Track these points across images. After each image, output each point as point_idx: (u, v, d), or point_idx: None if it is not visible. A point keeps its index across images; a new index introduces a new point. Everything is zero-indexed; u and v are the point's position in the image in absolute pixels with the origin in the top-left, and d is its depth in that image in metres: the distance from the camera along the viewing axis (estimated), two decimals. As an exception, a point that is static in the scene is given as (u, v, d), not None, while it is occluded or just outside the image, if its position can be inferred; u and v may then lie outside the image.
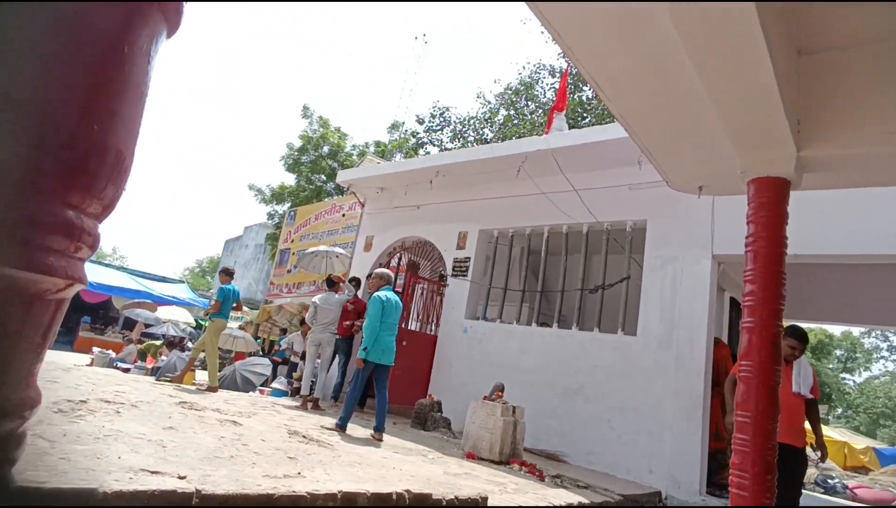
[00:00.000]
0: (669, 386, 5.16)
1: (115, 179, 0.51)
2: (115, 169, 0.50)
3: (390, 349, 4.76)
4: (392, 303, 4.83)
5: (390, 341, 4.78)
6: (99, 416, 2.72)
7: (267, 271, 21.75)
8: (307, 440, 3.52)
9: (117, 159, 0.50)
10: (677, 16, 1.71)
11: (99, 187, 0.50)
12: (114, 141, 0.48)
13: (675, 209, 5.52)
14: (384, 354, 4.72)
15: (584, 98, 19.13)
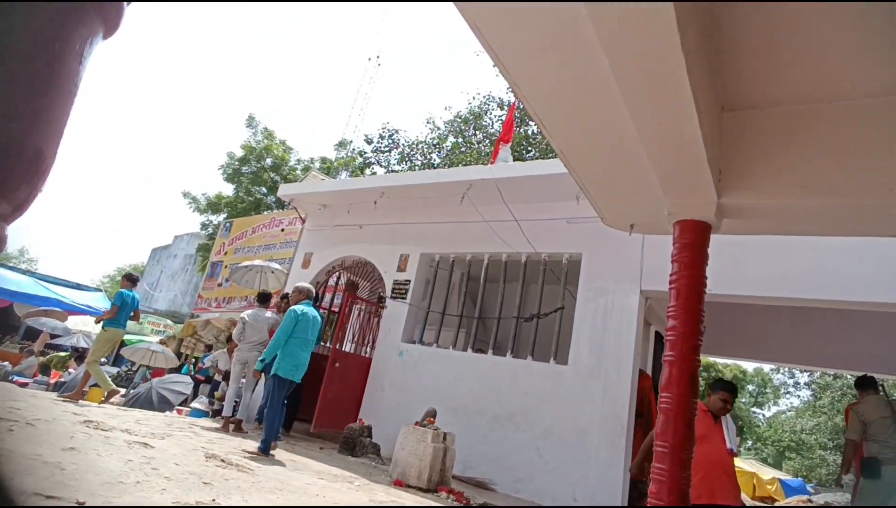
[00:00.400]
0: (596, 415, 5.31)
1: (31, 179, 0.47)
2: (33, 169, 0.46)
3: (303, 365, 4.64)
4: (309, 318, 4.71)
5: (304, 357, 4.65)
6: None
7: (196, 283, 20.66)
8: (226, 464, 3.32)
9: (36, 159, 0.46)
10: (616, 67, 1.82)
11: (11, 187, 0.46)
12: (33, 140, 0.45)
13: (609, 245, 5.78)
14: (297, 370, 4.60)
15: (530, 132, 19.85)
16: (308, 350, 4.73)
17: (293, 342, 4.61)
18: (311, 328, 4.74)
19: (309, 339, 4.74)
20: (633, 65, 1.75)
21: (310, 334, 4.73)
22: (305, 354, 4.69)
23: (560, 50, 2.08)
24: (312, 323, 4.76)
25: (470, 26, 2.03)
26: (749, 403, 33.19)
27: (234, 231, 15.23)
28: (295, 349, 4.59)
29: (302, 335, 4.66)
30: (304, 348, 4.67)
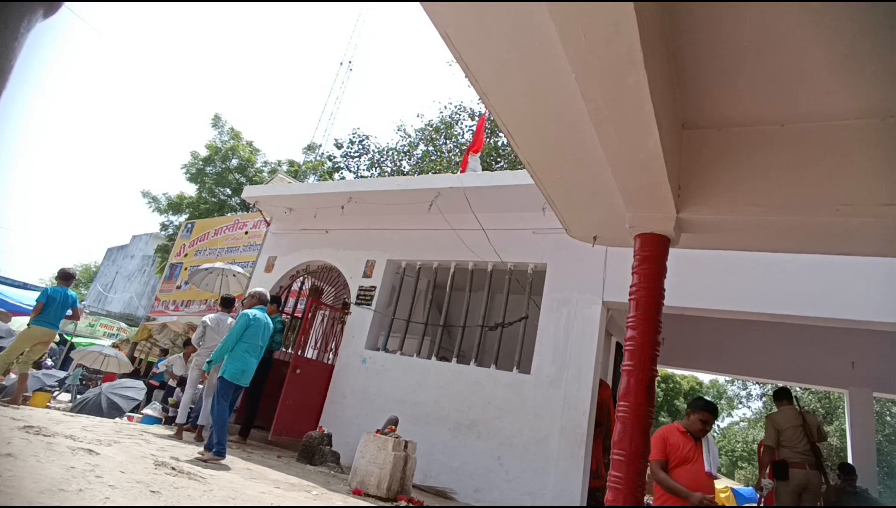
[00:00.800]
0: (556, 424, 5.37)
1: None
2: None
3: (250, 371, 4.63)
4: (260, 323, 4.70)
5: (252, 363, 4.63)
6: (-87, 440, 2.27)
7: (153, 285, 19.94)
8: (176, 472, 3.19)
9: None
10: (582, 82, 1.86)
11: None
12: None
13: (573, 256, 5.88)
14: (243, 375, 4.59)
15: (500, 143, 20.07)
16: (256, 356, 4.70)
17: (242, 347, 4.59)
18: (262, 334, 4.71)
19: (258, 345, 4.71)
20: (597, 80, 1.79)
21: (259, 340, 4.70)
22: (253, 360, 4.66)
23: (529, 62, 2.12)
24: (263, 329, 4.73)
25: (441, 35, 2.05)
26: (704, 414, 34.18)
27: (195, 233, 14.81)
28: (243, 353, 4.57)
29: (252, 340, 4.64)
30: (252, 353, 4.65)
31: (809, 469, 4.97)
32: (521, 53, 2.12)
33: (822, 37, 1.90)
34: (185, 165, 19.32)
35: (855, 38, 1.86)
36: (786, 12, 1.83)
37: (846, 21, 1.80)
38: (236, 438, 6.26)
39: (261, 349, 4.76)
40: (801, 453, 5.04)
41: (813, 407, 21.35)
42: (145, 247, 23.22)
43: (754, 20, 1.91)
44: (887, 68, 1.95)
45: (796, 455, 5.05)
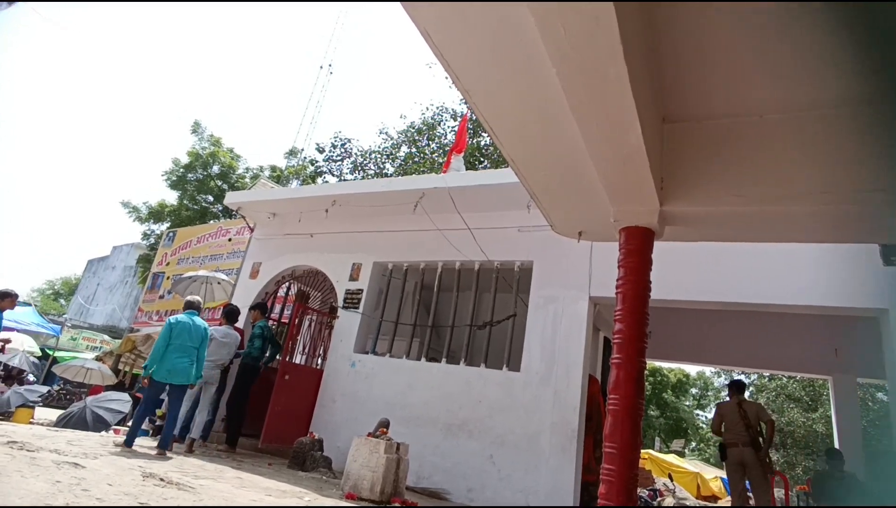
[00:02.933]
0: (547, 421, 5.39)
1: None
2: None
3: (178, 369, 5.04)
4: (183, 326, 5.14)
5: (178, 362, 5.05)
6: None
7: (136, 296, 19.61)
8: (165, 483, 3.14)
9: None
10: (563, 78, 1.88)
11: None
12: None
13: (559, 252, 5.92)
14: (171, 374, 5.02)
15: (483, 144, 20.12)
16: (183, 356, 5.10)
17: (170, 349, 5.04)
18: (189, 334, 5.15)
19: (186, 345, 5.12)
20: (578, 74, 1.80)
21: (187, 340, 5.13)
22: (180, 359, 5.07)
23: (510, 59, 2.12)
24: (193, 330, 5.18)
25: (421, 34, 2.04)
26: (692, 406, 34.65)
27: (177, 241, 14.61)
28: (170, 354, 5.02)
29: (177, 340, 5.07)
30: (178, 353, 5.06)
31: (743, 447, 5.83)
32: (501, 50, 2.12)
33: (796, 30, 1.94)
34: (166, 173, 19.07)
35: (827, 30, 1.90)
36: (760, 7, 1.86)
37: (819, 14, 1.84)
38: (224, 447, 6.19)
39: (190, 348, 5.15)
40: (737, 434, 5.91)
41: (798, 395, 21.73)
42: (126, 257, 22.85)
43: (730, 14, 1.93)
44: (859, 59, 1.99)
45: (733, 436, 5.95)
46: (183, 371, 5.07)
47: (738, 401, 6.16)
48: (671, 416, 31.12)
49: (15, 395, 8.45)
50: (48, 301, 36.60)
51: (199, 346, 5.25)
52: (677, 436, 29.25)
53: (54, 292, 39.94)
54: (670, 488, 11.07)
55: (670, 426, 30.87)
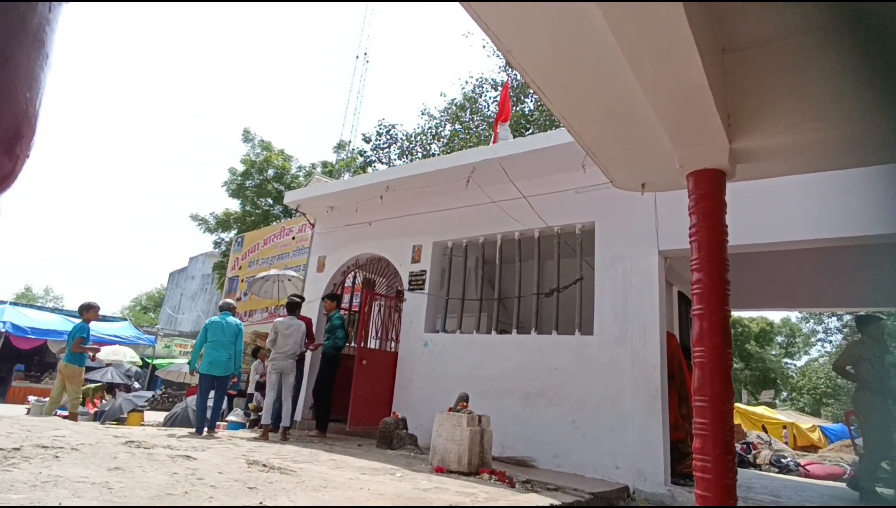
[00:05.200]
0: (627, 381, 5.29)
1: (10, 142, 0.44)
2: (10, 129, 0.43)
3: (217, 362, 5.87)
4: (216, 325, 5.98)
5: (217, 355, 5.87)
6: (35, 463, 2.49)
7: (216, 301, 20.89)
8: (268, 468, 3.36)
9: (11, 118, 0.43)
10: (610, 18, 1.78)
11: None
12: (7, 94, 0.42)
13: (621, 209, 5.71)
14: (211, 366, 5.85)
15: (527, 110, 19.65)
16: (222, 350, 5.92)
17: (208, 346, 5.90)
18: (222, 331, 5.97)
19: (220, 341, 5.92)
20: (628, 12, 1.70)
21: (220, 336, 5.93)
22: (219, 352, 5.89)
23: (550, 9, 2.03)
24: (226, 328, 6.00)
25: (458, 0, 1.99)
26: (779, 355, 32.87)
27: (246, 245, 15.36)
28: (209, 350, 5.88)
29: (213, 338, 5.90)
30: (216, 348, 5.89)
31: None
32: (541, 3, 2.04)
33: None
34: (226, 183, 19.99)
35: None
36: None
37: None
38: (316, 433, 6.54)
39: (225, 343, 5.94)
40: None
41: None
42: (203, 266, 24.33)
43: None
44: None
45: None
46: (222, 363, 5.88)
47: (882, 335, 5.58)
48: (757, 367, 29.71)
49: (125, 401, 9.28)
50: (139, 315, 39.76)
51: (234, 341, 6.03)
52: (765, 387, 27.92)
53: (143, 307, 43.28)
54: (765, 440, 10.61)
55: (757, 378, 29.51)
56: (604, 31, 1.96)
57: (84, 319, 6.77)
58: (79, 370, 6.65)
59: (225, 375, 5.99)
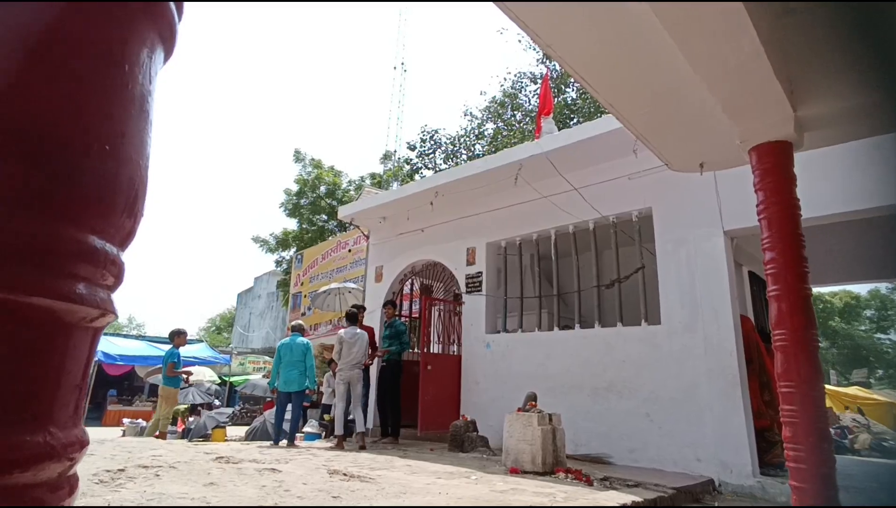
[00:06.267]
0: (701, 369, 5.07)
1: (129, 207, 0.50)
2: (129, 195, 0.49)
3: (290, 379, 6.37)
4: (287, 346, 6.52)
5: (290, 374, 6.40)
6: (139, 482, 2.70)
7: (282, 317, 21.78)
8: (348, 477, 3.47)
9: (130, 186, 0.49)
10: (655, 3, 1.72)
11: (115, 215, 0.49)
12: (126, 166, 0.48)
13: (679, 191, 5.50)
14: (286, 384, 6.37)
15: (569, 99, 19.28)
16: (292, 369, 6.41)
17: (282, 366, 6.44)
18: (291, 351, 6.46)
19: (292, 360, 6.43)
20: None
21: (291, 356, 6.43)
22: (291, 372, 6.41)
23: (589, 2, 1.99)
24: (295, 348, 6.48)
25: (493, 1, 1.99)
26: (870, 330, 30.38)
27: (305, 261, 15.94)
28: (283, 369, 6.42)
29: (285, 358, 6.43)
30: (288, 368, 6.41)
31: None
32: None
33: None
34: (282, 203, 20.83)
35: None
36: None
37: None
38: (388, 439, 6.68)
39: (295, 362, 6.42)
40: None
41: None
42: (267, 285, 25.40)
43: None
44: None
45: None
46: (294, 380, 6.37)
47: None
48: (844, 345, 27.63)
49: (209, 419, 9.82)
50: (214, 336, 41.99)
51: (302, 359, 6.47)
52: (856, 366, 25.90)
53: (217, 328, 45.70)
54: (862, 423, 9.85)
55: (846, 357, 27.45)
56: (644, 13, 1.90)
57: (175, 344, 7.30)
58: (174, 391, 7.22)
59: (299, 390, 6.44)
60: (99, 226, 0.46)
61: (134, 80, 0.49)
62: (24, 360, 0.42)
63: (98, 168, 0.45)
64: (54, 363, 0.45)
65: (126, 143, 0.48)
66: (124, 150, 0.48)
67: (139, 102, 0.49)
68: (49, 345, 0.45)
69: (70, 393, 0.47)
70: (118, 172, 0.47)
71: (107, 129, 0.46)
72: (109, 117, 0.46)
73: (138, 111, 0.49)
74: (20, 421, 0.42)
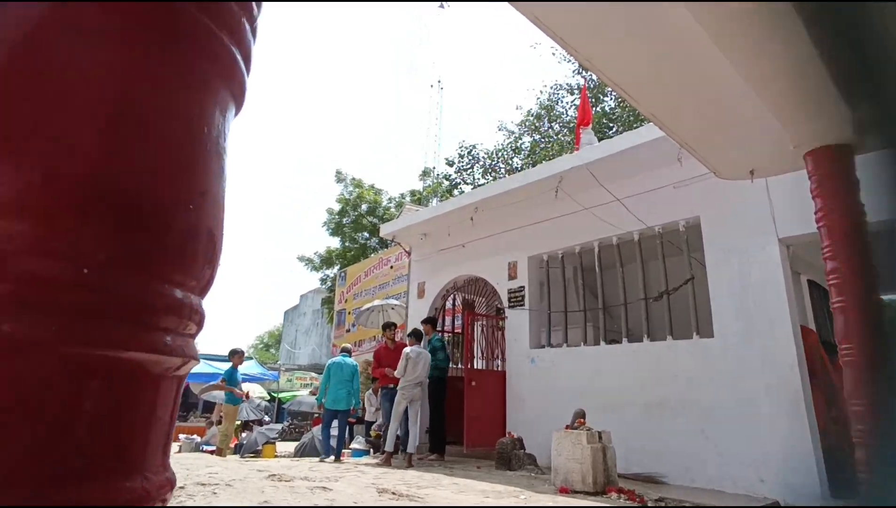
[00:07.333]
0: (760, 384, 4.82)
1: (209, 258, 0.53)
2: (209, 248, 0.52)
3: (339, 398, 6.60)
4: (337, 365, 6.74)
5: (338, 392, 6.61)
6: (199, 499, 2.79)
7: (327, 334, 22.17)
8: (397, 496, 3.48)
9: (210, 239, 0.53)
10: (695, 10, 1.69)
11: (197, 267, 0.52)
12: (206, 221, 0.51)
13: (728, 199, 5.30)
14: (335, 402, 6.59)
15: (607, 108, 19.02)
16: (341, 388, 6.65)
17: (331, 384, 6.64)
18: (341, 370, 6.69)
19: (341, 379, 6.65)
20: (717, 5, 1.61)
21: (341, 375, 6.66)
22: (340, 390, 6.64)
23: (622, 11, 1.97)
24: (344, 368, 6.72)
25: (530, 20, 2.00)
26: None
27: (349, 279, 16.22)
28: (332, 387, 6.64)
29: (335, 377, 6.65)
30: (337, 386, 6.63)
31: None
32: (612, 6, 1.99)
33: None
34: (325, 222, 21.36)
35: None
36: None
37: None
38: (434, 456, 6.65)
39: (345, 381, 6.65)
40: None
41: None
42: (312, 303, 25.97)
43: None
44: None
45: None
46: (342, 399, 6.61)
47: None
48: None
49: (260, 435, 10.06)
50: (262, 353, 43.15)
51: (351, 379, 6.70)
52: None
53: (265, 345, 46.95)
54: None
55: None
56: (684, 24, 1.87)
57: (232, 363, 7.58)
58: (234, 409, 7.54)
59: (346, 409, 6.66)
60: (183, 279, 0.50)
61: (212, 139, 0.52)
62: (119, 411, 0.46)
63: (183, 226, 0.48)
64: (146, 413, 0.49)
65: (207, 200, 0.51)
66: (206, 206, 0.51)
67: (217, 160, 0.53)
68: (141, 396, 0.48)
69: (160, 439, 0.50)
70: (200, 228, 0.50)
71: (190, 188, 0.50)
72: (192, 177, 0.50)
73: (217, 168, 0.53)
74: (119, 469, 0.45)
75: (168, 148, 0.48)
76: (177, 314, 0.50)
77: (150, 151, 0.47)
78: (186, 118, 0.50)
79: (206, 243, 0.52)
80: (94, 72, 0.45)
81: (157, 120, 0.48)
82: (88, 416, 0.43)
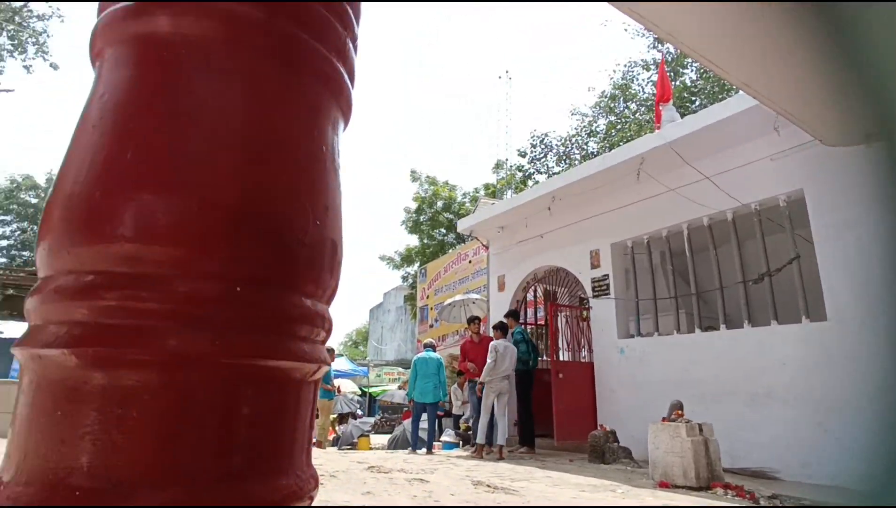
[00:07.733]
0: (890, 371, 4.33)
1: (333, 268, 0.58)
2: (333, 259, 0.57)
3: (426, 391, 6.81)
4: (422, 360, 6.96)
5: (425, 386, 6.83)
6: (306, 490, 2.98)
7: (411, 330, 22.77)
8: (493, 488, 3.51)
9: (333, 250, 0.57)
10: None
11: (324, 278, 0.57)
12: (330, 234, 0.56)
13: (836, 167, 4.79)
14: (422, 395, 6.82)
15: (688, 81, 17.89)
16: (427, 381, 6.84)
17: (418, 378, 6.86)
18: (427, 365, 6.91)
19: (427, 373, 6.86)
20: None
21: (427, 369, 6.88)
22: (427, 384, 6.84)
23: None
24: (430, 363, 6.93)
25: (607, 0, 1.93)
26: None
27: (429, 275, 16.52)
28: (419, 381, 6.85)
29: (421, 371, 6.87)
30: (424, 380, 6.86)
31: None
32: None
33: None
34: (403, 221, 21.91)
35: None
36: None
37: None
38: (525, 449, 6.64)
39: (430, 374, 6.85)
40: None
41: None
42: (395, 300, 26.77)
43: None
44: None
45: None
46: (429, 392, 6.83)
47: None
48: None
49: (355, 428, 10.56)
50: (352, 350, 45.10)
51: (437, 372, 6.90)
52: None
53: (353, 342, 49.01)
54: None
55: None
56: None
57: None
58: (328, 403, 8.17)
59: (433, 401, 6.88)
60: (313, 289, 0.55)
61: (330, 157, 0.56)
62: (270, 415, 0.51)
63: (312, 241, 0.53)
64: (291, 415, 0.54)
65: (330, 214, 0.56)
66: (329, 220, 0.55)
67: (335, 175, 0.57)
68: (287, 400, 0.53)
69: (304, 439, 0.55)
70: (325, 241, 0.55)
71: (316, 205, 0.54)
72: (318, 195, 0.54)
73: (335, 183, 0.57)
74: (276, 468, 0.51)
75: (298, 170, 0.53)
76: (310, 323, 0.55)
77: (284, 175, 0.52)
78: (309, 139, 0.54)
79: (330, 255, 0.56)
80: (230, 105, 0.50)
81: (287, 145, 0.53)
82: (247, 421, 0.48)
